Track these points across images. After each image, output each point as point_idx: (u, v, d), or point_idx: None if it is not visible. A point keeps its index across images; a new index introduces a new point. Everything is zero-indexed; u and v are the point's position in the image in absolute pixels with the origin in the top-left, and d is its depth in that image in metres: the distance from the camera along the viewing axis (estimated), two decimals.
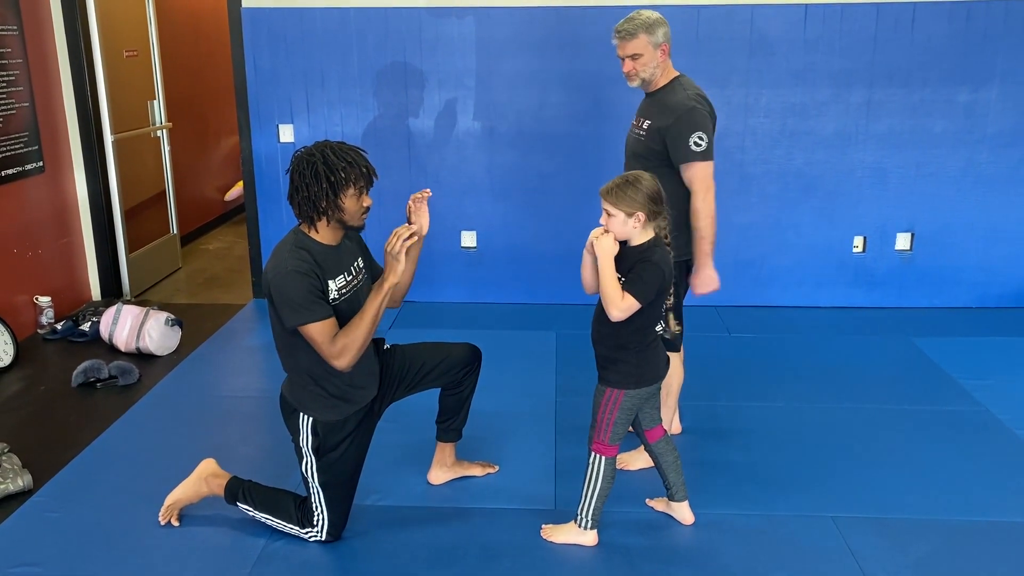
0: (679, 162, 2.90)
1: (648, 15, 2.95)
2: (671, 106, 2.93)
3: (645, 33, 2.91)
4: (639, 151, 3.04)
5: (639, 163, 2.97)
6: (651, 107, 3.03)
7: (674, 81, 3.02)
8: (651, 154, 2.97)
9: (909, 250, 4.91)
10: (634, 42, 2.93)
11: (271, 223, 5.05)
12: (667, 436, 2.76)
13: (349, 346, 2.44)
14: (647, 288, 2.44)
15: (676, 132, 2.88)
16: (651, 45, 2.93)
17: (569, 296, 4.95)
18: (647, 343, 2.54)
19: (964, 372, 4.00)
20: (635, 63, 2.97)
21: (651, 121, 2.98)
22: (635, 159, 3.04)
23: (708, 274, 2.96)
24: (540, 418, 3.57)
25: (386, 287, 2.47)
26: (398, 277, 2.46)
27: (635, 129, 3.10)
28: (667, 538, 2.74)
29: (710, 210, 2.91)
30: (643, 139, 3.01)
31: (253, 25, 4.77)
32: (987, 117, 4.67)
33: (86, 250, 5.14)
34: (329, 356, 2.46)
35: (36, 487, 3.04)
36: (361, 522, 2.80)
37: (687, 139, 2.87)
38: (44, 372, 4.15)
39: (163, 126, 5.72)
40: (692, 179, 2.90)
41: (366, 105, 4.85)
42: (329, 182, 2.41)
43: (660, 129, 2.93)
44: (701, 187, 2.89)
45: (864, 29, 4.58)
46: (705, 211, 2.90)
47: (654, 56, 2.95)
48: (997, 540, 2.73)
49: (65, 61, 4.86)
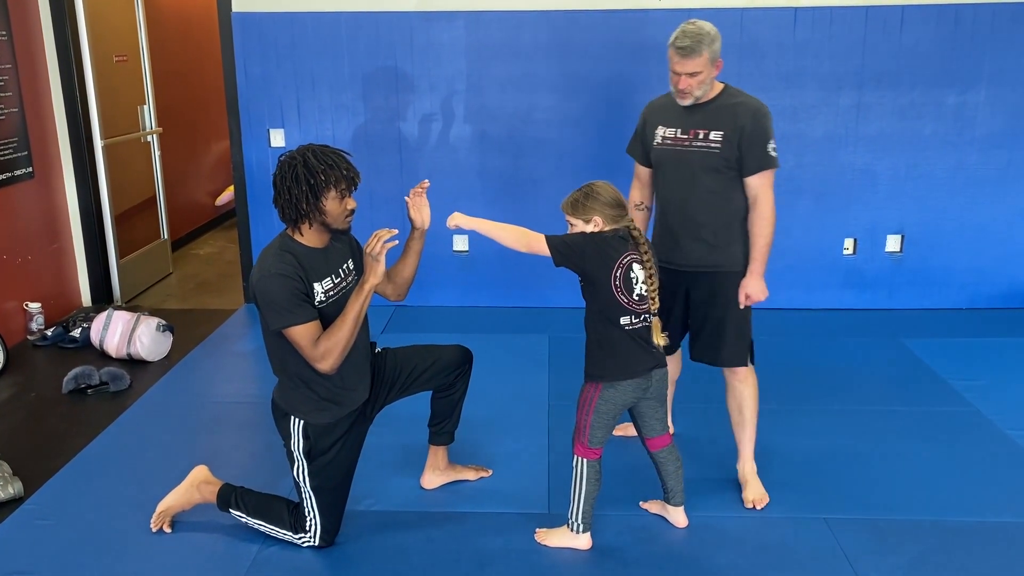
0: (755, 170, 2.77)
1: (709, 28, 2.74)
2: (743, 111, 2.77)
3: (708, 50, 2.71)
4: (712, 164, 2.81)
5: (711, 178, 2.83)
6: (711, 116, 2.81)
7: (726, 91, 2.85)
8: (726, 166, 2.80)
9: (899, 252, 4.93)
10: (697, 60, 2.71)
11: (262, 228, 5.04)
12: (672, 446, 2.75)
13: (332, 349, 2.45)
14: (563, 238, 2.53)
15: (754, 138, 2.75)
16: (710, 62, 2.74)
17: (561, 299, 4.95)
18: (611, 335, 2.54)
19: (955, 373, 4.02)
20: (692, 80, 2.74)
21: (722, 131, 2.77)
22: (705, 174, 2.83)
23: (763, 284, 2.88)
24: (533, 422, 3.57)
25: (366, 289, 2.48)
26: (378, 278, 2.47)
27: (690, 142, 2.84)
28: (661, 541, 2.74)
29: (774, 218, 2.84)
30: (717, 151, 2.78)
31: (244, 29, 4.76)
32: (976, 119, 4.70)
33: (76, 256, 5.12)
34: (312, 359, 2.46)
35: (27, 494, 3.02)
36: (354, 527, 2.80)
37: (765, 145, 2.76)
38: (34, 379, 4.13)
39: (153, 131, 5.71)
40: (763, 186, 2.78)
41: (357, 109, 4.85)
42: (309, 185, 2.41)
43: (739, 136, 2.75)
44: (771, 193, 2.81)
45: (853, 32, 4.60)
46: (773, 217, 2.82)
47: (711, 73, 2.76)
48: (989, 540, 2.74)
49: (54, 66, 4.85)
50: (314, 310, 2.48)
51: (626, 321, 2.53)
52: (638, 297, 2.53)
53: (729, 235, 2.86)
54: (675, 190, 2.92)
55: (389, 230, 2.47)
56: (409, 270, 2.79)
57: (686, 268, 2.92)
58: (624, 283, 2.51)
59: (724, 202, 2.84)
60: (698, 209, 2.86)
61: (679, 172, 2.89)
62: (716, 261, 2.88)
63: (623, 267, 2.50)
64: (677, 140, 2.88)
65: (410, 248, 2.78)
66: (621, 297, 2.51)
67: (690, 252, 2.90)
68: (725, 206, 2.84)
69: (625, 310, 2.52)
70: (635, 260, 2.53)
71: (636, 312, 2.53)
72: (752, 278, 2.85)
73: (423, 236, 2.76)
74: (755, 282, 2.85)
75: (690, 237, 2.89)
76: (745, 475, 2.97)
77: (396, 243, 2.47)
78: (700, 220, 2.86)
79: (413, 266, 2.79)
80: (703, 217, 2.86)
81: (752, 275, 2.85)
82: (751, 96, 2.84)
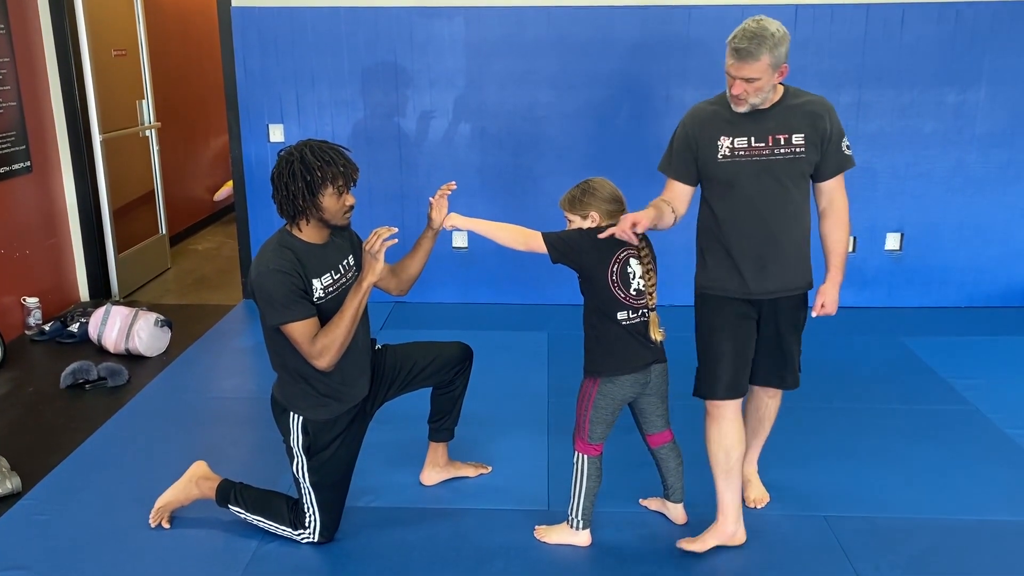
0: (835, 171, 2.55)
1: (775, 29, 2.39)
2: (819, 108, 2.52)
3: (769, 54, 2.36)
4: (800, 171, 2.53)
5: (800, 187, 2.55)
6: (785, 119, 2.50)
7: (788, 90, 2.55)
8: (811, 172, 2.56)
9: (899, 250, 4.93)
10: (755, 65, 2.38)
11: (261, 223, 5.03)
12: (672, 443, 2.75)
13: (329, 346, 2.45)
14: (559, 234, 2.54)
15: (835, 137, 2.52)
16: (772, 67, 2.39)
17: (561, 296, 4.95)
18: (609, 331, 2.54)
19: (954, 371, 4.02)
20: (749, 86, 2.42)
21: (803, 133, 2.49)
22: (794, 183, 2.53)
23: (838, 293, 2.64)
24: (532, 418, 3.57)
25: (364, 286, 2.48)
26: (376, 276, 2.48)
27: (769, 150, 2.50)
28: (660, 538, 2.74)
29: None
30: (804, 155, 2.50)
31: (243, 24, 4.75)
32: (976, 118, 4.70)
33: (74, 251, 5.11)
34: (309, 356, 2.46)
35: (25, 489, 3.02)
36: (354, 523, 2.79)
37: (842, 143, 2.54)
38: (32, 374, 4.12)
39: (152, 126, 5.69)
40: (840, 188, 2.57)
41: (356, 105, 4.84)
42: (305, 181, 2.41)
43: (821, 137, 2.50)
44: (845, 196, 2.59)
45: (854, 30, 4.60)
46: (849, 223, 2.63)
47: (771, 79, 2.42)
48: (987, 538, 2.74)
49: (53, 60, 4.83)
50: (312, 307, 2.47)
51: (623, 316, 2.53)
52: (635, 292, 2.52)
53: (805, 251, 2.63)
54: (758, 207, 2.53)
55: (389, 228, 2.46)
56: (416, 267, 2.79)
57: (768, 296, 2.60)
58: (621, 278, 2.50)
59: (807, 213, 2.60)
60: (789, 224, 2.56)
61: (762, 185, 2.52)
62: (807, 280, 2.65)
63: (620, 262, 2.50)
64: (753, 150, 2.50)
65: (421, 246, 2.79)
66: (618, 292, 2.50)
67: (779, 276, 2.58)
68: (807, 217, 2.61)
69: (622, 305, 2.52)
70: (632, 255, 2.52)
71: (633, 307, 2.53)
72: (833, 287, 2.62)
73: (436, 236, 2.76)
74: (835, 291, 2.63)
75: (779, 258, 2.56)
76: (747, 475, 2.96)
77: (396, 241, 2.48)
78: (793, 236, 2.57)
79: (421, 263, 2.79)
80: (796, 232, 2.57)
81: (833, 284, 2.62)
82: (812, 93, 2.59)
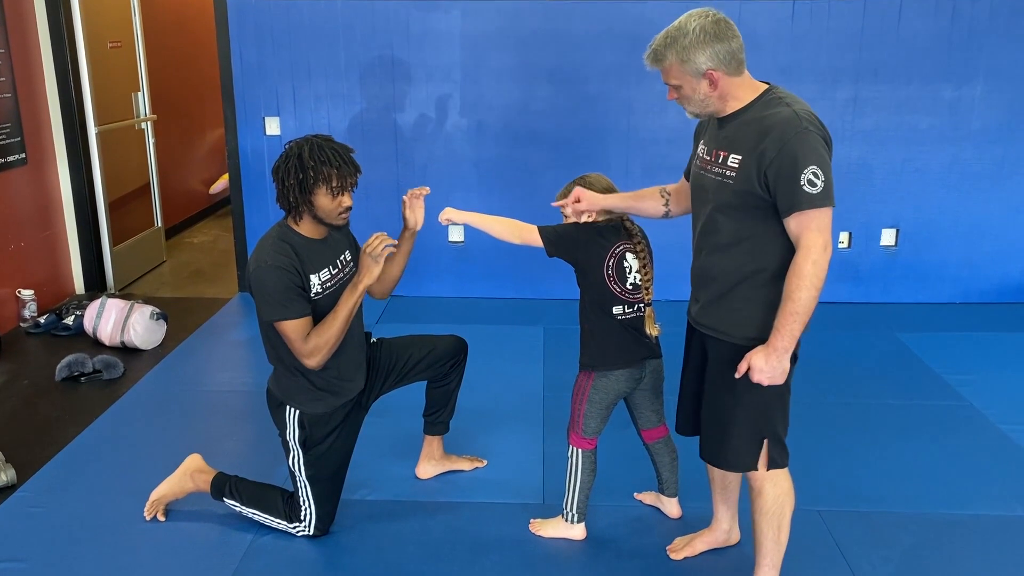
0: (787, 210, 2.01)
1: (693, 28, 2.03)
2: (769, 128, 2.02)
3: (677, 58, 2.05)
4: (728, 201, 2.11)
5: (730, 220, 2.12)
6: (735, 133, 2.10)
7: (764, 96, 2.10)
8: (747, 204, 2.07)
9: (894, 246, 4.94)
10: (664, 68, 2.11)
11: (256, 216, 5.02)
12: (667, 438, 2.75)
13: (320, 346, 2.45)
14: (555, 228, 2.53)
15: (781, 167, 1.99)
16: (689, 74, 2.06)
17: (557, 291, 4.95)
18: (604, 325, 2.54)
19: (948, 367, 4.03)
20: (677, 93, 2.13)
21: (741, 155, 2.06)
22: (722, 213, 2.13)
23: (783, 365, 2.07)
24: (528, 412, 3.57)
25: (360, 288, 2.48)
26: (373, 279, 2.47)
27: (710, 166, 2.17)
28: (655, 532, 2.74)
29: (819, 278, 1.99)
30: (732, 183, 2.08)
31: (239, 16, 4.73)
32: (972, 114, 4.70)
33: (69, 243, 5.10)
34: (300, 354, 2.46)
35: (20, 482, 3.02)
36: (349, 516, 2.80)
37: (797, 175, 1.97)
38: (27, 366, 4.11)
39: (147, 118, 5.67)
40: (803, 230, 2.00)
41: (353, 98, 4.83)
42: (298, 180, 2.41)
43: (759, 164, 2.02)
44: (814, 242, 1.99)
45: (851, 25, 4.60)
46: (812, 278, 1.98)
47: (697, 88, 2.08)
48: (981, 533, 2.75)
49: (48, 52, 4.81)
50: (307, 305, 2.47)
51: (619, 311, 2.53)
52: (631, 286, 2.53)
53: (749, 294, 2.14)
54: (695, 226, 2.28)
55: (389, 237, 2.48)
56: (397, 269, 2.76)
57: (698, 327, 2.29)
58: (617, 272, 2.51)
59: (755, 252, 2.12)
60: (718, 258, 2.18)
61: (698, 204, 2.25)
62: (747, 333, 2.15)
63: (616, 256, 2.51)
64: (702, 162, 2.22)
65: (399, 248, 2.75)
66: (614, 287, 2.51)
67: (708, 311, 2.24)
68: (756, 257, 2.12)
69: (618, 299, 2.52)
70: (628, 250, 2.53)
71: (629, 302, 2.53)
72: (764, 349, 2.06)
73: (414, 237, 2.73)
74: (761, 357, 2.06)
75: (708, 290, 2.23)
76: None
77: (394, 250, 2.47)
78: (725, 272, 2.17)
79: (401, 266, 2.76)
80: (729, 268, 2.16)
81: (766, 346, 2.06)
82: (794, 101, 2.06)
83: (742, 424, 2.20)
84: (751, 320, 2.14)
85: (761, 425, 2.20)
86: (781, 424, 2.23)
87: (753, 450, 2.21)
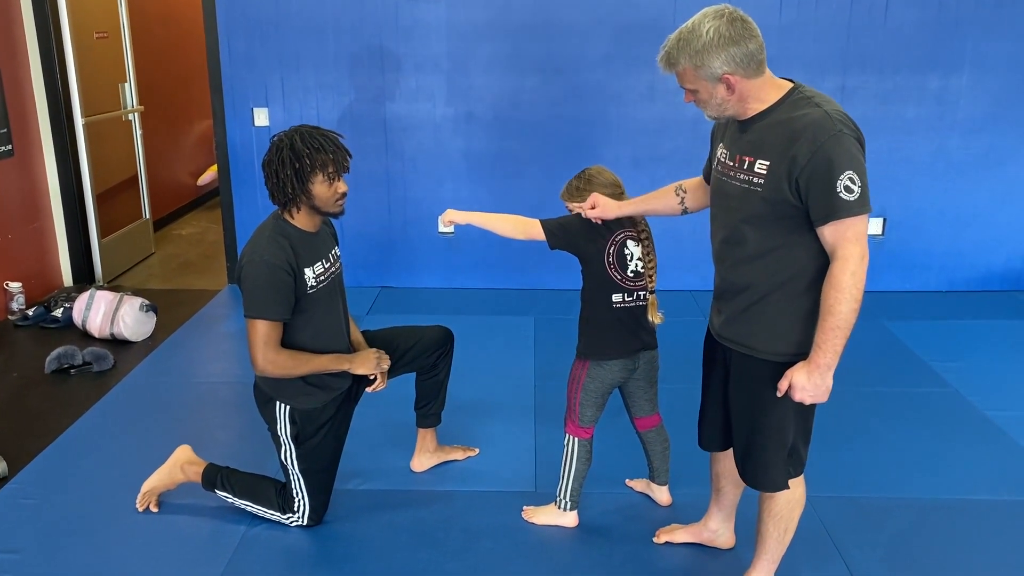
0: (822, 219, 1.89)
1: (698, 31, 1.92)
2: (799, 131, 1.89)
3: (689, 62, 1.94)
4: (757, 211, 1.99)
5: (758, 231, 2.00)
6: (761, 136, 1.97)
7: (791, 96, 1.97)
8: (777, 214, 1.96)
9: (881, 235, 4.97)
10: (678, 72, 1.99)
11: (245, 208, 5.01)
12: (660, 427, 2.77)
13: (281, 366, 2.48)
14: (557, 220, 2.55)
15: (815, 172, 1.87)
16: (703, 78, 1.95)
17: (547, 281, 4.97)
18: (601, 314, 2.56)
19: (935, 354, 4.08)
20: (693, 97, 2.02)
21: (769, 160, 1.94)
22: (749, 224, 2.01)
23: (826, 382, 1.98)
24: (519, 402, 3.59)
25: (348, 368, 2.58)
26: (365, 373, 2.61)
27: (733, 172, 2.04)
28: (646, 519, 2.77)
29: (859, 289, 1.90)
30: (760, 190, 1.96)
31: (227, 6, 4.71)
32: (958, 103, 4.74)
33: (57, 235, 5.07)
34: (256, 357, 2.46)
35: (11, 474, 3.01)
36: (342, 506, 2.81)
37: (832, 183, 1.85)
38: (16, 359, 4.09)
39: (134, 109, 5.64)
40: (839, 241, 1.89)
41: (342, 89, 4.81)
42: (294, 169, 2.40)
43: (790, 170, 1.89)
44: (852, 252, 1.88)
45: (838, 15, 4.62)
46: (852, 289, 1.89)
47: (713, 92, 1.97)
48: (967, 517, 2.79)
49: (34, 43, 4.77)
50: (288, 310, 2.46)
51: (618, 299, 2.54)
52: (633, 274, 2.54)
53: (783, 305, 2.03)
54: (716, 234, 2.17)
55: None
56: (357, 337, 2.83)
57: (722, 341, 2.21)
58: (618, 260, 2.52)
59: (781, 263, 2.01)
60: (743, 269, 2.07)
61: (720, 214, 2.14)
62: (776, 348, 2.06)
63: (616, 244, 2.52)
64: (724, 167, 2.09)
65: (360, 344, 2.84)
66: (614, 274, 2.52)
67: (732, 324, 2.15)
68: (784, 269, 2.01)
69: (618, 287, 2.53)
70: (630, 237, 2.54)
71: (630, 290, 2.55)
72: (805, 366, 1.97)
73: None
74: (807, 374, 1.97)
75: (732, 302, 2.13)
76: None
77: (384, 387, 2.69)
78: (750, 283, 2.06)
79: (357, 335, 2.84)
80: (755, 280, 2.05)
81: (807, 363, 1.97)
82: (825, 101, 1.93)
83: (776, 443, 2.14)
84: (786, 334, 2.04)
85: (787, 439, 2.14)
86: (804, 437, 2.18)
87: (785, 468, 2.17)
